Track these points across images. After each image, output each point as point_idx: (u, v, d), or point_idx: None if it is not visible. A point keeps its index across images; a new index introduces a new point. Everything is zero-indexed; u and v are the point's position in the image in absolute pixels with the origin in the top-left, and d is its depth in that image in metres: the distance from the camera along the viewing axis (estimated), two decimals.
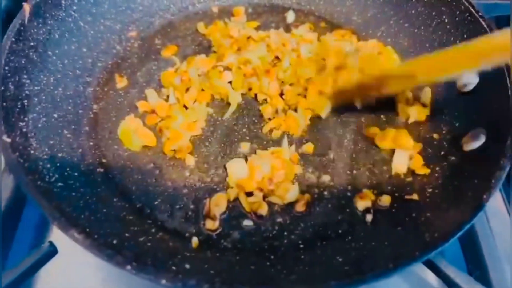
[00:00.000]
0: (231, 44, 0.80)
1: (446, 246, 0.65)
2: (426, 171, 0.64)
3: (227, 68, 0.76)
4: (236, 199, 0.63)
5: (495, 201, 0.73)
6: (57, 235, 0.64)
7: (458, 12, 0.71)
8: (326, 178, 0.66)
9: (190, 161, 0.67)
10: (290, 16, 0.87)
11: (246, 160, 0.66)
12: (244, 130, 0.71)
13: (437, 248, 0.47)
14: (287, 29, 0.85)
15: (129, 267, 0.44)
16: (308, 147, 0.69)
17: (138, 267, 0.44)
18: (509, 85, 0.60)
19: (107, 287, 0.63)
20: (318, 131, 0.72)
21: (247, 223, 0.61)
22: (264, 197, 0.63)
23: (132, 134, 0.68)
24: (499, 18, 1.01)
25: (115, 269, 0.61)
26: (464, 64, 0.56)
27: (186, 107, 0.72)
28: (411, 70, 0.63)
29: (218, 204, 0.62)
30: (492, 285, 0.61)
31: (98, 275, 0.64)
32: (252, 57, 0.76)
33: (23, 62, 0.62)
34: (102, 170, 0.65)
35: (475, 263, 0.65)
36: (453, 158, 0.63)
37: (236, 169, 0.65)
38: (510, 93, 0.59)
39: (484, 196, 0.51)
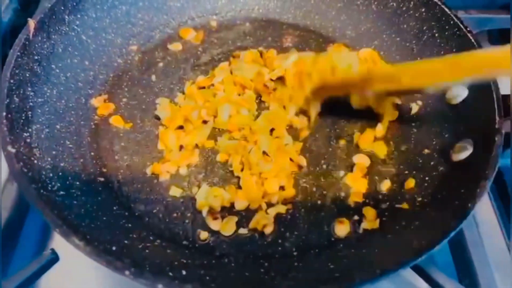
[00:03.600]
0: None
1: (434, 252, 0.68)
2: (411, 183, 0.67)
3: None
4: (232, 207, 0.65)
5: (485, 210, 0.74)
6: (58, 243, 0.66)
7: (447, 27, 0.74)
8: (319, 188, 0.68)
9: (184, 171, 0.69)
10: None
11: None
12: None
13: (422, 255, 0.49)
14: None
15: (127, 272, 0.46)
16: (301, 159, 0.71)
17: (136, 273, 0.46)
18: (495, 97, 0.62)
19: None
20: (311, 143, 0.74)
21: (242, 231, 0.63)
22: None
23: None
24: (490, 32, 1.04)
25: (115, 277, 0.64)
26: (452, 75, 0.57)
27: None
28: (397, 72, 0.64)
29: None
30: None
31: (99, 283, 0.65)
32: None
33: (27, 75, 0.64)
34: (102, 179, 0.67)
35: (465, 271, 0.67)
36: (442, 168, 0.65)
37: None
38: (496, 106, 0.62)
39: (469, 205, 0.53)
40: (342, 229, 0.63)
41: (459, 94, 0.69)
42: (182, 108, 0.75)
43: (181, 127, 0.73)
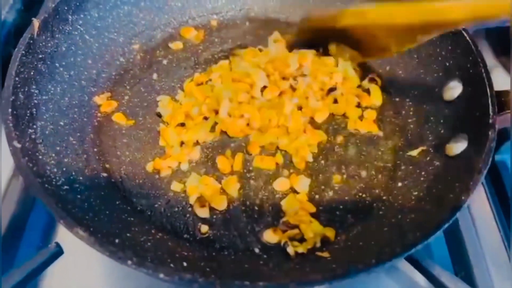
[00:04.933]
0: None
1: (430, 246, 0.70)
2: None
3: None
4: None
5: (481, 204, 0.76)
6: (63, 237, 0.68)
7: None
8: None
9: (185, 167, 0.71)
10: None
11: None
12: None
13: (416, 246, 0.50)
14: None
15: (129, 262, 0.47)
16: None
17: (138, 262, 0.47)
18: (489, 93, 0.63)
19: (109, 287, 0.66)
20: None
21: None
22: None
23: None
24: (488, 30, 1.05)
25: (118, 270, 0.66)
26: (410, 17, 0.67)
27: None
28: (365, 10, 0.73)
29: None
30: (476, 285, 0.64)
31: (102, 276, 0.67)
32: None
33: (32, 73, 0.66)
34: (105, 174, 0.68)
35: (461, 264, 0.68)
36: (437, 163, 0.67)
37: None
38: (490, 102, 0.63)
39: (463, 198, 0.54)
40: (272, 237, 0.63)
41: (454, 90, 0.70)
42: (183, 105, 0.76)
43: (182, 124, 0.75)
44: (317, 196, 0.68)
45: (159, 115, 0.76)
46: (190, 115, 0.75)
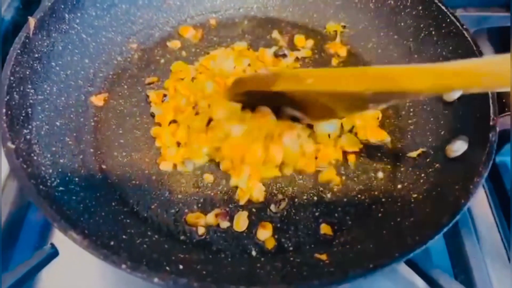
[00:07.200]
0: None
1: (430, 249, 0.69)
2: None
3: None
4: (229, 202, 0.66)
5: (481, 206, 0.75)
6: (58, 238, 0.67)
7: (444, 25, 0.74)
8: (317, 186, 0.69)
9: (182, 168, 0.70)
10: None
11: None
12: None
13: (415, 250, 0.49)
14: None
15: (124, 266, 0.46)
16: None
17: (132, 266, 0.46)
18: (490, 94, 0.62)
19: None
20: None
21: None
22: None
23: None
24: (490, 30, 1.04)
25: (113, 271, 0.65)
26: (355, 84, 0.56)
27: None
28: (302, 74, 0.64)
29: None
30: None
31: (98, 277, 0.66)
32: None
33: (27, 72, 0.65)
34: (101, 175, 0.68)
35: (461, 268, 0.67)
36: (437, 165, 0.66)
37: None
38: (491, 103, 0.62)
39: (463, 201, 0.54)
40: (263, 234, 0.63)
41: (454, 91, 0.69)
42: (170, 101, 0.76)
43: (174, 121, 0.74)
44: (315, 198, 0.67)
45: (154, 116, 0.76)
46: (180, 108, 0.74)
